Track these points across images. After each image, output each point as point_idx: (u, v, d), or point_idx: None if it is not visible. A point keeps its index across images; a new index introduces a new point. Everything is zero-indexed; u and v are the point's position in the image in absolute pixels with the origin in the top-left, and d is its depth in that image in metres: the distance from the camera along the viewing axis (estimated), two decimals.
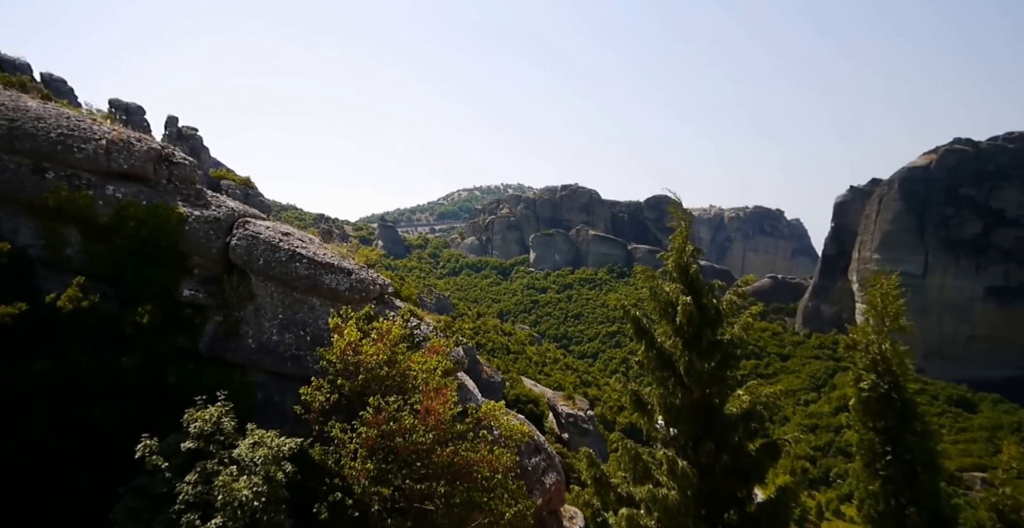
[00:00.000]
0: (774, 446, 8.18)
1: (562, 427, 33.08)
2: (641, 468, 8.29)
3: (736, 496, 7.96)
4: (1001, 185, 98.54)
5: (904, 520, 6.91)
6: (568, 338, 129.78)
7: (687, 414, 8.22)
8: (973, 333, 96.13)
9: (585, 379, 79.09)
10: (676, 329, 8.92)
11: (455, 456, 8.81)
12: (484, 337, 71.05)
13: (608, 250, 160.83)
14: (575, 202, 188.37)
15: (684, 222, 9.68)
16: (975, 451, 66.14)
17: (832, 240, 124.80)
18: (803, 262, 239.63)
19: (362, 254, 14.22)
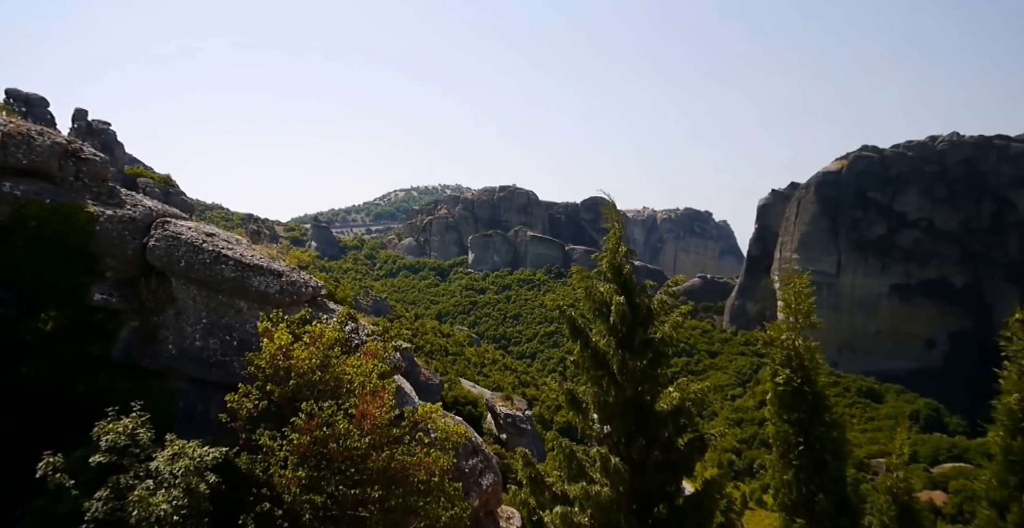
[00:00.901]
0: (701, 440, 8.54)
1: (500, 428, 33.21)
2: (575, 466, 8.45)
3: (665, 490, 8.25)
4: (903, 190, 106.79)
5: (814, 506, 7.37)
6: (507, 339, 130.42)
7: (620, 412, 8.44)
8: (880, 328, 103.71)
9: (524, 379, 79.75)
10: (610, 328, 9.14)
11: (391, 460, 8.68)
12: (422, 339, 70.33)
13: (546, 251, 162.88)
14: (513, 203, 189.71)
15: (617, 224, 9.92)
16: (881, 439, 71.23)
17: (756, 241, 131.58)
18: (730, 262, 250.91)
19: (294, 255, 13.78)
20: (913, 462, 66.70)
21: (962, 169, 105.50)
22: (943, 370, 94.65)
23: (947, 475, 61.43)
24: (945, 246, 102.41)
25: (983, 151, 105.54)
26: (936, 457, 67.01)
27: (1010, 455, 7.19)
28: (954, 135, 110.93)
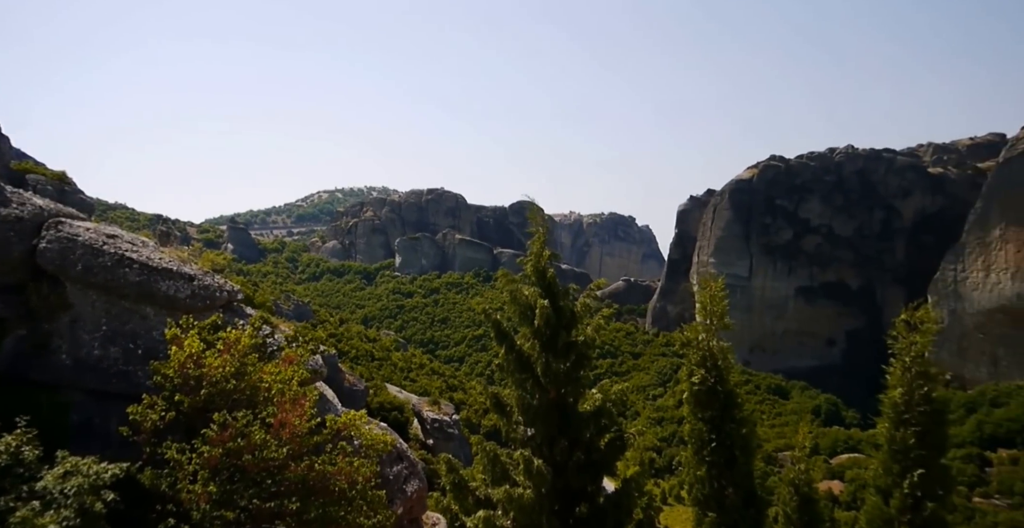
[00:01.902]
0: (622, 440, 8.80)
1: (427, 433, 32.83)
2: (499, 469, 8.49)
3: (587, 490, 8.45)
4: (806, 197, 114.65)
5: (724, 500, 7.78)
6: (435, 343, 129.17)
7: (543, 414, 8.57)
8: (787, 328, 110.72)
9: (451, 383, 79.24)
10: (534, 332, 9.26)
11: (310, 470, 8.41)
12: (347, 344, 68.45)
13: (474, 254, 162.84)
14: (441, 206, 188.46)
15: (542, 228, 10.06)
16: (787, 433, 75.86)
17: (676, 245, 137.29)
18: (652, 266, 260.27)
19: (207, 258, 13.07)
20: (815, 454, 71.52)
21: (856, 179, 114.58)
22: (841, 367, 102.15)
23: (844, 465, 66.16)
24: (842, 251, 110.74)
25: (873, 163, 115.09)
26: (835, 449, 72.04)
27: (894, 445, 7.86)
28: (849, 147, 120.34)
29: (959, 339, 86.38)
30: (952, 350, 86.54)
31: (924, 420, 7.70)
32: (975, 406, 72.64)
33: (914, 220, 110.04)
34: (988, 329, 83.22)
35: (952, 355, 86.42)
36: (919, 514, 7.38)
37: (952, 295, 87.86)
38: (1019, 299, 79.30)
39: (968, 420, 69.45)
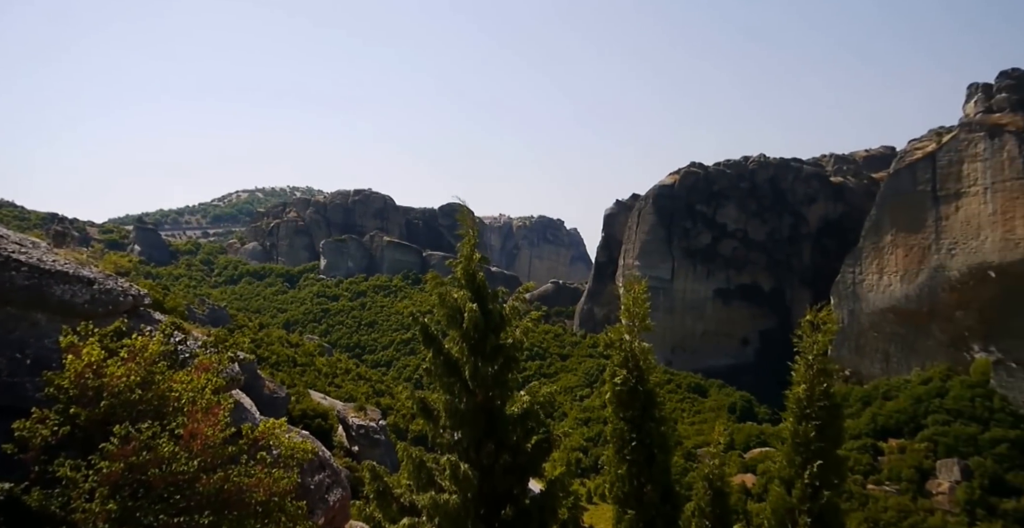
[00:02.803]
0: (548, 441, 8.92)
1: (352, 440, 32.00)
2: (425, 475, 8.40)
3: (513, 492, 8.50)
4: (723, 203, 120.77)
5: (643, 497, 8.06)
6: (361, 347, 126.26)
7: (471, 418, 8.55)
8: (706, 328, 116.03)
9: (378, 388, 77.64)
10: (463, 335, 9.23)
11: (225, 482, 7.99)
12: (267, 350, 65.64)
13: (403, 257, 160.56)
14: (368, 208, 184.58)
15: (472, 230, 10.05)
16: (706, 430, 79.45)
17: (603, 248, 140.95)
18: (580, 268, 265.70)
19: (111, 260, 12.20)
20: (730, 449, 75.17)
21: (768, 187, 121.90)
22: (755, 365, 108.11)
23: (756, 459, 69.91)
24: (756, 254, 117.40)
25: (783, 171, 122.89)
26: (748, 443, 76.04)
27: (796, 438, 8.40)
28: (761, 156, 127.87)
29: (857, 337, 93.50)
30: (851, 347, 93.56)
31: (823, 414, 8.26)
32: (870, 400, 78.83)
33: (818, 226, 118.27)
34: (881, 327, 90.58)
35: (851, 352, 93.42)
36: (817, 502, 7.92)
37: (851, 296, 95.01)
38: (907, 300, 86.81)
39: (864, 413, 75.27)
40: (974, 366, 75.76)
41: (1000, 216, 76.02)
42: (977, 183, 79.40)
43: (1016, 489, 59.33)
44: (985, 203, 78.05)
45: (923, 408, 72.13)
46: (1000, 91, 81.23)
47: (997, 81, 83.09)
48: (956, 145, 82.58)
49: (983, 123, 79.65)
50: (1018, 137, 74.88)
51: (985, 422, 67.79)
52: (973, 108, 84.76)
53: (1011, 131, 75.82)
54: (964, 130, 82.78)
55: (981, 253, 77.77)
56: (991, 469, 61.00)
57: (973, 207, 79.61)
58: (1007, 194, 75.50)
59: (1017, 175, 74.54)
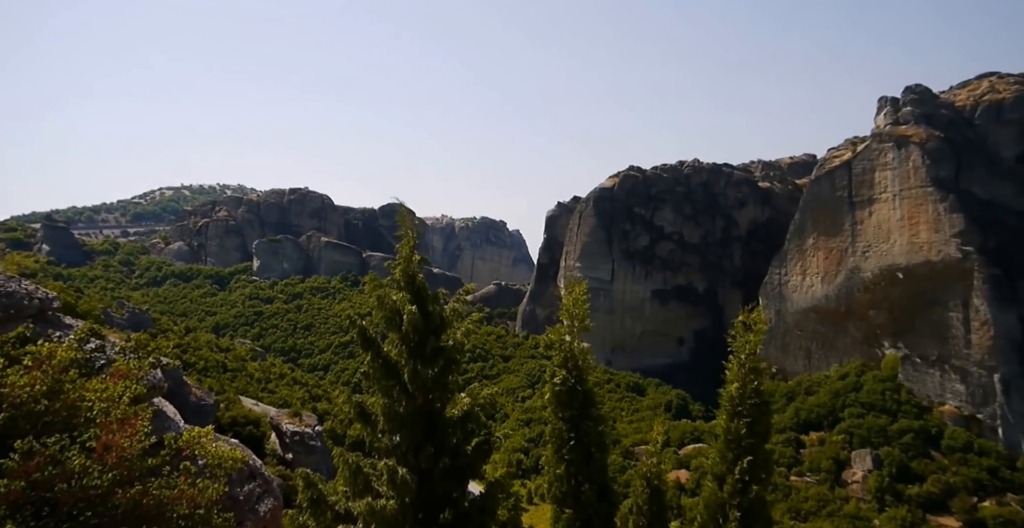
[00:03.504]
0: (488, 444, 8.86)
1: (286, 447, 30.88)
2: (362, 481, 8.17)
3: (452, 496, 8.40)
4: (660, 206, 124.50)
5: (580, 496, 8.14)
6: (297, 351, 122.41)
7: (410, 421, 8.39)
8: (644, 329, 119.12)
9: (315, 393, 75.38)
10: (402, 337, 9.05)
11: (143, 496, 7.50)
12: (194, 355, 62.54)
13: (341, 258, 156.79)
14: (305, 207, 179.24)
15: (411, 232, 9.87)
16: (643, 428, 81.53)
17: (544, 250, 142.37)
18: (523, 270, 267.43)
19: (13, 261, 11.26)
20: (666, 446, 77.32)
21: (701, 191, 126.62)
22: (689, 364, 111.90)
23: (690, 455, 72.36)
24: (691, 256, 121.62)
25: (715, 176, 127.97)
26: (683, 440, 78.62)
27: (729, 435, 8.69)
28: (695, 161, 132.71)
29: (782, 336, 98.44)
30: (777, 346, 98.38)
31: (754, 411, 8.58)
32: (793, 395, 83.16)
33: (748, 229, 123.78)
34: (804, 326, 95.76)
35: (777, 350, 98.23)
36: (746, 497, 8.22)
37: (777, 297, 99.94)
38: (826, 300, 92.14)
39: (788, 408, 79.33)
40: (885, 362, 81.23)
41: (907, 221, 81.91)
42: (887, 190, 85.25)
43: (919, 476, 63.99)
44: (894, 209, 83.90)
45: (840, 402, 76.70)
46: (906, 105, 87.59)
47: (903, 95, 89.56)
48: (868, 154, 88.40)
49: (891, 134, 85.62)
50: (921, 148, 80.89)
51: (894, 414, 72.78)
52: (883, 120, 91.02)
53: (915, 142, 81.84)
54: (875, 140, 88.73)
55: (891, 256, 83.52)
56: (898, 458, 65.54)
57: (884, 213, 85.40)
58: (912, 201, 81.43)
59: (921, 183, 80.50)
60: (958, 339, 73.80)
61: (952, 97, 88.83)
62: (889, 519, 58.56)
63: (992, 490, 61.38)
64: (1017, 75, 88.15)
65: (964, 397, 72.32)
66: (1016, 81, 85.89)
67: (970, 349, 72.49)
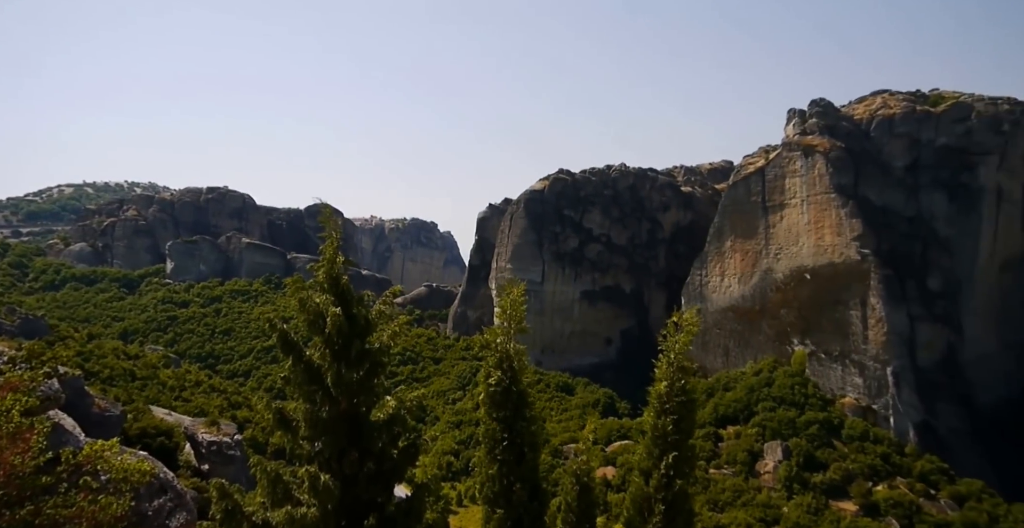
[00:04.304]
0: (414, 447, 8.75)
1: (202, 458, 29.24)
2: (281, 490, 7.86)
3: (377, 500, 8.23)
4: (589, 209, 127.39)
5: (512, 496, 8.19)
6: (216, 357, 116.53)
7: (333, 426, 8.15)
8: (573, 329, 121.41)
9: (235, 400, 71.89)
10: (326, 340, 8.80)
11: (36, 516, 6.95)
12: (98, 363, 58.23)
13: (265, 259, 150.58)
14: (225, 207, 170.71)
15: (335, 232, 9.62)
16: (572, 427, 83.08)
17: (476, 251, 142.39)
18: (454, 271, 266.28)
19: None
20: (594, 444, 79.34)
21: (628, 194, 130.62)
22: (616, 363, 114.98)
23: (617, 452, 74.32)
24: (618, 258, 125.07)
25: (641, 180, 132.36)
26: (610, 437, 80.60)
27: (656, 432, 9.00)
28: (622, 165, 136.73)
29: (703, 334, 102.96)
30: (698, 344, 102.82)
31: (680, 409, 8.92)
32: (713, 391, 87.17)
33: (671, 231, 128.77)
34: (723, 325, 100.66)
35: (698, 348, 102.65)
36: (670, 491, 8.54)
37: (698, 297, 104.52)
38: (743, 299, 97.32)
39: (708, 404, 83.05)
40: (794, 357, 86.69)
41: (813, 225, 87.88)
42: (796, 196, 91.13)
43: (823, 464, 68.69)
44: (802, 214, 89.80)
45: (755, 397, 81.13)
46: (811, 117, 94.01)
47: (809, 108, 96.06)
48: (780, 162, 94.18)
49: (799, 144, 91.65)
50: (826, 157, 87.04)
51: (802, 407, 77.74)
52: (792, 130, 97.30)
53: (820, 152, 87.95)
54: (785, 149, 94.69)
55: (799, 258, 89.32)
56: (805, 448, 70.09)
57: (793, 217, 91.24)
58: (818, 206, 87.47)
59: (825, 190, 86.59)
60: (857, 336, 79.83)
61: (851, 111, 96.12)
62: (796, 506, 62.48)
63: (884, 475, 66.71)
64: (905, 92, 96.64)
65: (862, 389, 78.30)
66: (904, 98, 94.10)
67: (867, 345, 78.59)
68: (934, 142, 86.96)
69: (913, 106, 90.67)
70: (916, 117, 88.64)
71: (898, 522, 59.58)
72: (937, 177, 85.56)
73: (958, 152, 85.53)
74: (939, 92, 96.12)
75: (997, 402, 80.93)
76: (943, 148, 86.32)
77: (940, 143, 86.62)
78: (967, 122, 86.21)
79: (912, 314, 78.26)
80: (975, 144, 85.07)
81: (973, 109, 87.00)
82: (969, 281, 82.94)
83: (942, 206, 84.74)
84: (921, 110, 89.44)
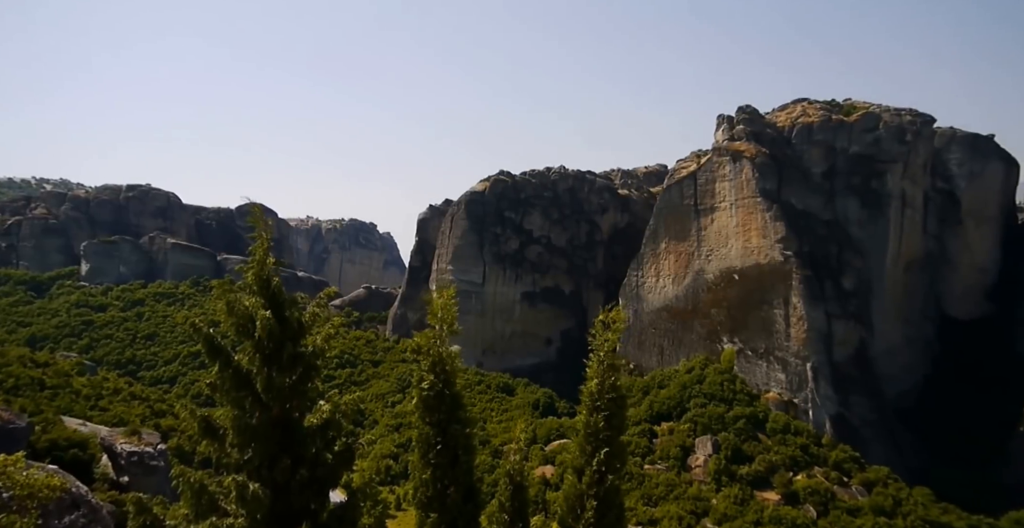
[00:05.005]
0: (350, 451, 8.59)
1: (121, 470, 27.55)
2: (206, 501, 7.55)
3: (310, 508, 8.05)
4: (529, 211, 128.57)
5: (446, 500, 8.20)
6: (137, 363, 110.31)
7: (263, 433, 7.90)
8: (514, 330, 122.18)
9: (158, 408, 68.23)
10: (256, 345, 8.51)
11: None
12: (2, 372, 53.90)
13: (192, 261, 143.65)
14: (147, 206, 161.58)
15: (266, 233, 9.32)
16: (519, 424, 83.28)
17: (416, 253, 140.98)
18: (394, 273, 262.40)
19: None
20: (533, 443, 79.96)
21: (568, 196, 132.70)
22: (556, 363, 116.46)
23: (555, 451, 75.36)
24: (558, 259, 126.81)
25: (580, 183, 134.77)
26: (549, 436, 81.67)
27: (588, 429, 9.20)
28: (561, 168, 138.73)
29: (639, 334, 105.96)
30: (634, 343, 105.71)
31: (611, 406, 9.15)
32: (648, 389, 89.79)
33: (609, 233, 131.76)
34: (658, 325, 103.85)
35: (634, 348, 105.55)
36: (602, 487, 8.76)
37: (635, 297, 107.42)
38: (676, 300, 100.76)
39: (643, 401, 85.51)
40: (723, 355, 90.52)
41: (741, 228, 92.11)
42: (725, 200, 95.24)
43: (749, 457, 72.08)
44: (731, 216, 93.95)
45: (687, 394, 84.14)
46: (739, 123, 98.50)
47: (736, 115, 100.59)
48: (710, 166, 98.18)
49: (728, 149, 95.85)
50: (752, 162, 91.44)
51: (730, 402, 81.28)
52: (721, 136, 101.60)
53: (747, 157, 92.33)
54: (715, 154, 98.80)
55: (728, 259, 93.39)
56: (733, 442, 73.34)
57: (723, 220, 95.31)
58: (745, 210, 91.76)
59: (752, 194, 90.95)
60: (780, 333, 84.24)
61: (775, 118, 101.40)
62: (724, 498, 65.29)
63: (804, 465, 70.70)
64: (823, 102, 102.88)
65: (784, 384, 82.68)
66: (822, 107, 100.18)
67: (789, 342, 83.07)
68: (847, 150, 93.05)
69: (829, 115, 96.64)
70: (832, 126, 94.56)
71: (815, 509, 63.29)
72: (850, 183, 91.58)
73: (868, 160, 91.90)
74: (852, 102, 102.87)
75: (901, 393, 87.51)
76: (855, 156, 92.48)
77: (853, 151, 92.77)
78: (875, 132, 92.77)
79: (829, 312, 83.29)
80: (883, 152, 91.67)
81: (881, 119, 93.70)
82: (878, 281, 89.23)
83: (855, 210, 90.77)
84: (836, 119, 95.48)
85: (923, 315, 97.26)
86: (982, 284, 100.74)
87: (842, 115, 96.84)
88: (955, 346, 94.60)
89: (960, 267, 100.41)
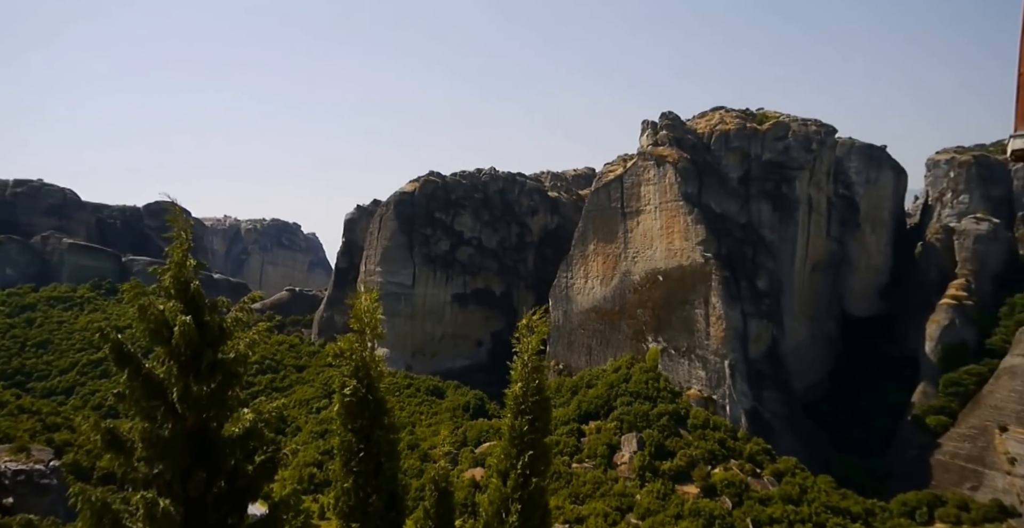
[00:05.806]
0: (272, 462, 8.26)
1: (6, 490, 25.16)
2: (109, 520, 7.03)
3: (227, 522, 7.68)
4: (460, 212, 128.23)
5: (368, 508, 8.05)
6: (27, 373, 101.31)
7: (176, 445, 7.46)
8: (444, 332, 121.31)
9: (51, 422, 62.93)
10: (171, 352, 8.02)
11: None
12: None
13: (93, 262, 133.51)
14: (40, 202, 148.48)
15: (184, 234, 8.81)
16: (442, 430, 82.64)
17: (343, 254, 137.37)
18: (319, 275, 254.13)
19: None
20: (464, 446, 79.67)
21: (498, 198, 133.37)
22: (487, 365, 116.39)
23: (485, 453, 75.31)
24: (489, 261, 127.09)
25: (511, 185, 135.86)
26: (479, 439, 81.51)
27: (513, 432, 9.26)
28: (492, 169, 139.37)
29: (568, 334, 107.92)
30: (564, 344, 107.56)
31: (535, 408, 9.22)
32: (577, 388, 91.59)
33: (540, 235, 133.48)
34: (586, 325, 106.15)
35: (564, 348, 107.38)
36: (527, 490, 8.85)
37: (565, 298, 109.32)
38: (604, 300, 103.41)
39: (572, 401, 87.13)
40: (648, 354, 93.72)
41: (665, 230, 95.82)
42: (650, 203, 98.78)
43: (671, 452, 75.02)
44: (656, 219, 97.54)
45: (614, 392, 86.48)
46: (662, 129, 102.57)
47: (660, 120, 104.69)
48: (636, 170, 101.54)
49: (652, 154, 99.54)
50: (675, 167, 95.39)
51: (654, 400, 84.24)
52: (646, 140, 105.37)
53: (670, 162, 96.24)
54: (640, 158, 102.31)
55: (653, 261, 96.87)
56: (656, 438, 76.07)
57: (648, 222, 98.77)
58: (669, 213, 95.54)
59: (675, 198, 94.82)
60: (701, 332, 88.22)
61: (695, 124, 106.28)
62: (647, 493, 67.60)
63: (721, 458, 74.36)
64: (739, 110, 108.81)
65: (704, 381, 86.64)
66: (738, 115, 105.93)
67: (709, 340, 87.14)
68: (761, 157, 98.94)
69: (744, 123, 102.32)
70: (746, 133, 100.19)
71: (730, 500, 66.75)
72: (763, 188, 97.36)
73: (779, 166, 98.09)
74: (764, 111, 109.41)
75: (807, 387, 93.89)
76: (768, 162, 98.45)
77: (765, 158, 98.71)
78: (785, 140, 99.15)
79: (745, 311, 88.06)
80: (791, 160, 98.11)
81: (790, 128, 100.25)
82: (788, 281, 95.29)
83: (768, 214, 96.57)
84: (750, 127, 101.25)
85: (827, 313, 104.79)
86: (877, 284, 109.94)
87: (755, 123, 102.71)
88: (854, 342, 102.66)
89: (858, 268, 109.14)
